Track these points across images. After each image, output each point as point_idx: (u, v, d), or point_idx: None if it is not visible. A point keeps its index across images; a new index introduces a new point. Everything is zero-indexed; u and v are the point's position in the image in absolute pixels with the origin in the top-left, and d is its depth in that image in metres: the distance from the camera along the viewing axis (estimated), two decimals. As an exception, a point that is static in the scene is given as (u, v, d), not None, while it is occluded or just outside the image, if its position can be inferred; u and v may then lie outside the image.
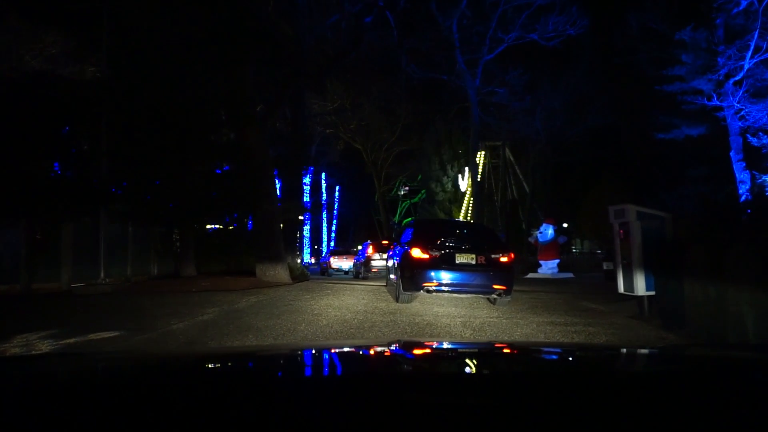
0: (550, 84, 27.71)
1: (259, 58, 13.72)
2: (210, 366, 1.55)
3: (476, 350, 2.03)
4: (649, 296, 7.85)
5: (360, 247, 25.07)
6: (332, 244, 60.61)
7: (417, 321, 6.92)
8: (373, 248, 21.21)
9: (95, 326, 6.79)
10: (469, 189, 39.17)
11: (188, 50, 12.13)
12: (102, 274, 11.31)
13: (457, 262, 8.74)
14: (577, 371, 1.48)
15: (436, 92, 29.38)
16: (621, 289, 8.20)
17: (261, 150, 13.29)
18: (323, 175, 56.53)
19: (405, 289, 8.93)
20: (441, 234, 9.32)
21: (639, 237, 7.85)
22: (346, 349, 1.94)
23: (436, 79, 26.51)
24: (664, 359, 1.80)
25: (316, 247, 58.05)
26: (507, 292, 8.86)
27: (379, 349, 1.93)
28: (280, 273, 12.93)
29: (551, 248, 20.47)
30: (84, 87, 11.67)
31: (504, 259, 9.00)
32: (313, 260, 51.46)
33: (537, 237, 20.97)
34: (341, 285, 12.64)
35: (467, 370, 1.47)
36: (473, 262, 8.78)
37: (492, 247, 9.14)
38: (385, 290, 11.10)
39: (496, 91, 25.99)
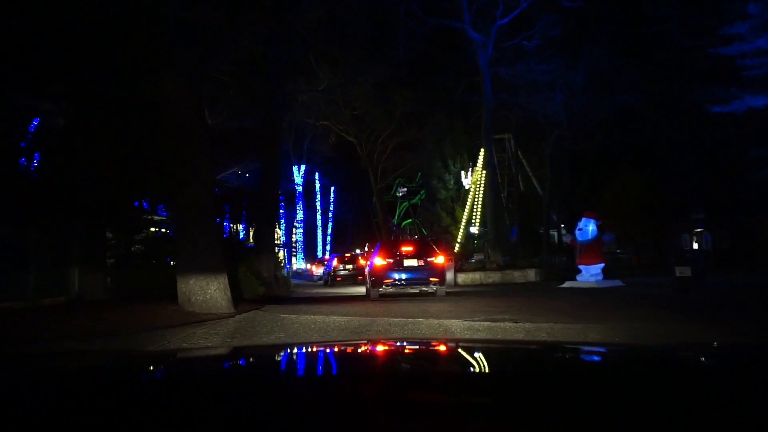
0: (571, 57, 22.85)
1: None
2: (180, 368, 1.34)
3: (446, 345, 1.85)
4: None
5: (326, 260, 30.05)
6: (328, 248, 55.71)
7: None
8: (338, 260, 24.99)
9: None
10: (473, 186, 34.31)
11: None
12: None
13: (405, 265, 12.30)
14: (581, 371, 1.25)
15: (440, 65, 24.44)
16: None
17: (188, 110, 8.41)
18: (317, 175, 51.71)
19: (373, 287, 12.57)
20: (396, 247, 12.97)
21: None
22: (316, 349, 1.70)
23: (441, 46, 21.59)
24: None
25: (316, 255, 52.95)
26: (441, 283, 12.42)
27: (350, 348, 1.81)
28: (215, 295, 7.97)
29: (594, 249, 15.52)
30: None
31: (437, 261, 12.53)
32: (306, 266, 46.84)
33: (575, 235, 16.04)
34: (309, 317, 7.66)
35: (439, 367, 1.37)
36: (416, 264, 12.33)
37: (430, 253, 12.66)
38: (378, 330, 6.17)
39: (521, 44, 20.85)
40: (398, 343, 2.00)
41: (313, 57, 22.64)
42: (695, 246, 24.80)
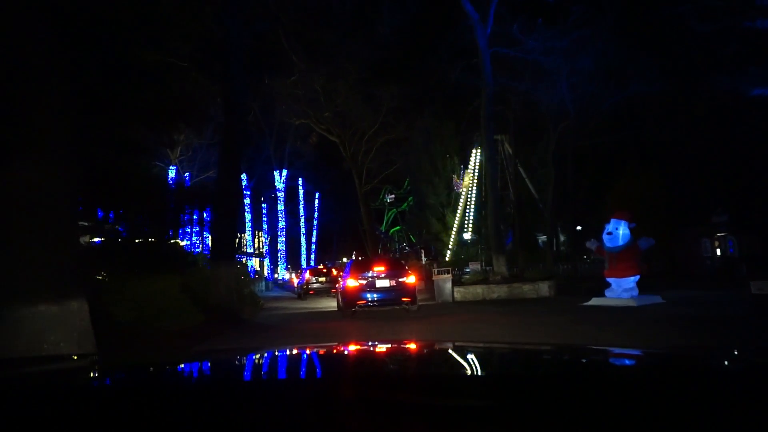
0: (580, 38, 19.68)
1: None
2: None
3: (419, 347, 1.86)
4: None
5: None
6: (313, 257, 52.03)
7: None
8: (311, 273, 24.97)
9: None
10: (464, 190, 31.02)
11: None
12: None
13: (377, 286, 12.56)
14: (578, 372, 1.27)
15: (432, 44, 21.14)
16: None
17: (27, 45, 4.95)
18: (300, 181, 48.11)
19: (345, 308, 12.93)
20: (368, 267, 13.13)
21: None
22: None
23: (432, 21, 18.26)
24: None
25: (300, 265, 49.14)
26: (412, 303, 12.66)
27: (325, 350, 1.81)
28: (60, 351, 4.47)
29: (628, 257, 12.17)
30: None
31: (408, 281, 12.79)
32: (288, 276, 43.25)
33: (603, 241, 12.70)
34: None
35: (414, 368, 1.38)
36: (388, 285, 12.59)
37: (401, 273, 12.97)
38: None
39: (524, 24, 17.48)
40: None
41: (285, 38, 19.29)
42: (718, 252, 21.67)
